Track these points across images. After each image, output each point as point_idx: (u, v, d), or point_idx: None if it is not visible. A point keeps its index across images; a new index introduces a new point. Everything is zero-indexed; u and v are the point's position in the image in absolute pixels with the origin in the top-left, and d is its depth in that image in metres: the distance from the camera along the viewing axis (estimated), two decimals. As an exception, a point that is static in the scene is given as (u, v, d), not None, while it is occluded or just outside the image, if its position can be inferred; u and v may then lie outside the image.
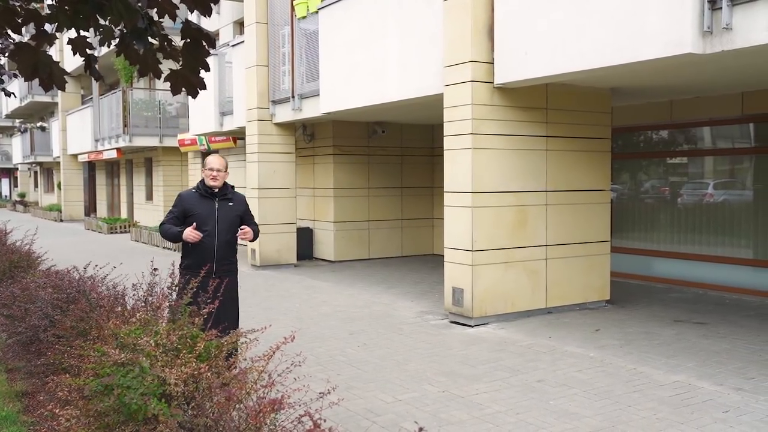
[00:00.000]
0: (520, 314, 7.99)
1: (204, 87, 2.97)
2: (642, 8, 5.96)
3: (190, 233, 5.11)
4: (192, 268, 5.06)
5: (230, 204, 5.38)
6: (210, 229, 5.20)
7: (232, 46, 14.55)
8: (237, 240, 5.40)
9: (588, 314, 8.23)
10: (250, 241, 5.45)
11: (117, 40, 2.74)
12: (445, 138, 7.89)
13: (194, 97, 2.99)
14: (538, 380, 5.59)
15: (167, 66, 3.08)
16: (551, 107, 8.14)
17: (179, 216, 5.28)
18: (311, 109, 11.62)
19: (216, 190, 5.32)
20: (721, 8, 5.44)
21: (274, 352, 3.23)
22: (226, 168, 5.39)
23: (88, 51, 3.03)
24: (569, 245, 8.41)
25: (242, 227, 5.35)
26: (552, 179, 8.22)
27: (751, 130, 9.64)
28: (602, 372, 5.80)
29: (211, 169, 5.31)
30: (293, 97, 12.06)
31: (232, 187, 5.53)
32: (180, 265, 5.19)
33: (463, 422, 4.66)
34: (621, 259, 10.65)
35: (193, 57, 2.78)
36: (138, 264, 7.78)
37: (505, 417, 4.74)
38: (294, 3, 11.85)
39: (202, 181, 5.36)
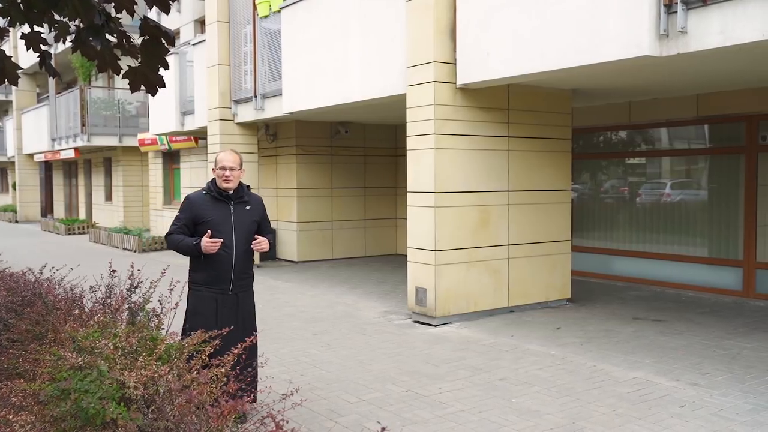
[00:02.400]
0: (483, 313, 8.06)
1: (163, 85, 2.93)
2: (602, 11, 6.06)
3: (210, 244, 4.31)
4: (206, 284, 4.43)
5: (247, 208, 4.58)
6: (226, 238, 4.41)
7: (193, 44, 14.37)
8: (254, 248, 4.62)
9: (549, 313, 8.33)
10: (266, 252, 4.68)
11: (73, 36, 2.68)
12: (408, 138, 7.92)
13: (153, 95, 2.94)
14: (500, 379, 5.64)
15: (126, 63, 3.02)
16: (513, 108, 8.23)
17: (188, 224, 4.47)
18: (274, 109, 11.54)
19: (230, 192, 4.52)
20: (676, 12, 5.57)
21: (236, 354, 3.20)
22: (241, 165, 4.58)
23: (43, 47, 2.96)
24: (531, 245, 8.51)
25: (256, 237, 4.55)
26: (514, 179, 8.30)
27: (706, 131, 9.88)
28: (563, 369, 5.88)
29: (223, 168, 4.46)
30: (255, 96, 11.96)
31: (248, 187, 4.69)
32: (189, 281, 4.53)
33: (427, 421, 4.67)
34: (581, 258, 10.82)
35: (152, 54, 2.73)
36: (97, 266, 7.63)
37: (468, 416, 4.78)
38: (256, 2, 11.75)
39: (213, 182, 4.56)
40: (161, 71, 2.89)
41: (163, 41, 2.76)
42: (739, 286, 9.18)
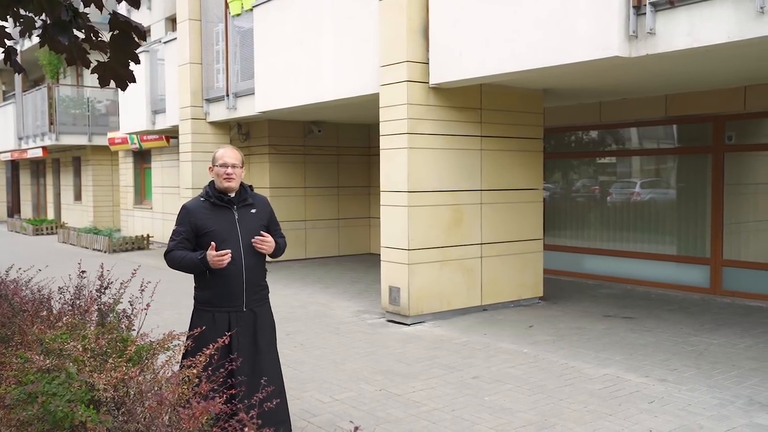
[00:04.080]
0: (456, 312, 8.09)
1: (133, 80, 2.88)
2: (573, 12, 6.12)
3: (218, 258, 3.73)
4: (216, 303, 3.87)
5: (253, 211, 3.99)
6: (234, 249, 3.82)
7: (165, 42, 14.21)
8: (265, 256, 4.00)
9: (522, 311, 8.40)
10: (272, 256, 4.01)
11: (40, 31, 2.63)
12: (381, 138, 7.92)
13: (123, 89, 2.90)
14: (473, 377, 5.67)
15: (96, 58, 2.98)
16: (485, 107, 8.28)
17: (189, 237, 3.88)
18: (246, 108, 11.47)
19: (232, 195, 3.94)
20: (645, 14, 5.65)
21: (207, 355, 3.16)
22: (243, 162, 4.00)
23: (8, 42, 2.90)
24: (503, 243, 8.57)
25: (261, 234, 3.91)
26: (486, 178, 8.35)
27: (675, 131, 10.04)
28: (535, 367, 5.93)
29: (225, 165, 3.86)
30: (228, 95, 11.88)
31: (251, 186, 4.11)
32: (196, 299, 4.00)
33: (400, 420, 4.68)
34: (553, 257, 10.93)
35: (122, 49, 2.69)
36: (66, 266, 7.50)
37: (441, 414, 4.79)
38: (228, 0, 11.66)
39: (212, 185, 3.96)
40: (132, 66, 2.85)
41: (134, 36, 2.72)
42: (706, 284, 9.34)
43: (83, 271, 4.24)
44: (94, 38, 2.68)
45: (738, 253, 9.11)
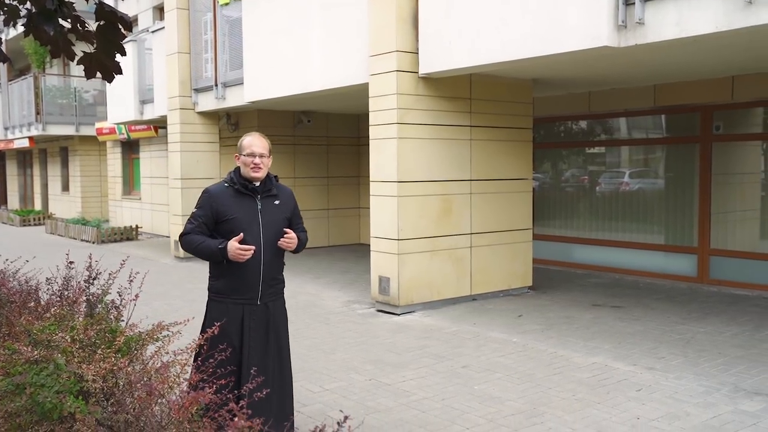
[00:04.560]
0: (446, 302, 8.12)
1: (120, 72, 2.86)
2: (562, 1, 6.12)
3: (240, 252, 3.62)
4: (231, 293, 3.78)
5: (276, 203, 3.88)
6: (254, 240, 3.71)
7: (152, 32, 14.10)
8: (284, 250, 3.90)
9: (511, 300, 8.44)
10: (294, 251, 3.92)
11: (24, 20, 2.60)
12: (370, 127, 7.91)
13: (110, 81, 2.87)
14: (463, 366, 5.70)
15: (81, 49, 2.95)
16: (475, 97, 8.27)
17: (208, 222, 3.76)
18: (235, 98, 11.41)
19: (257, 185, 3.82)
20: (634, 4, 5.66)
21: (197, 345, 3.16)
22: (270, 151, 3.87)
23: (-8, 32, 2.87)
24: (493, 233, 8.59)
25: (285, 232, 3.81)
26: (476, 168, 8.36)
27: (663, 121, 10.09)
28: (525, 356, 5.97)
29: (253, 155, 3.74)
30: (216, 85, 11.80)
31: (276, 177, 3.99)
32: (210, 289, 3.92)
33: (390, 409, 4.70)
34: (543, 247, 10.97)
35: (108, 40, 2.66)
36: (53, 257, 7.47)
37: (431, 403, 4.82)
38: (216, -12, 11.57)
39: (237, 172, 3.84)
40: (118, 58, 2.82)
41: (120, 27, 2.69)
42: (693, 273, 9.42)
43: (71, 262, 4.22)
44: (80, 28, 2.65)
45: (725, 242, 9.18)
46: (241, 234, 3.63)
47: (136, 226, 17.20)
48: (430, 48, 7.45)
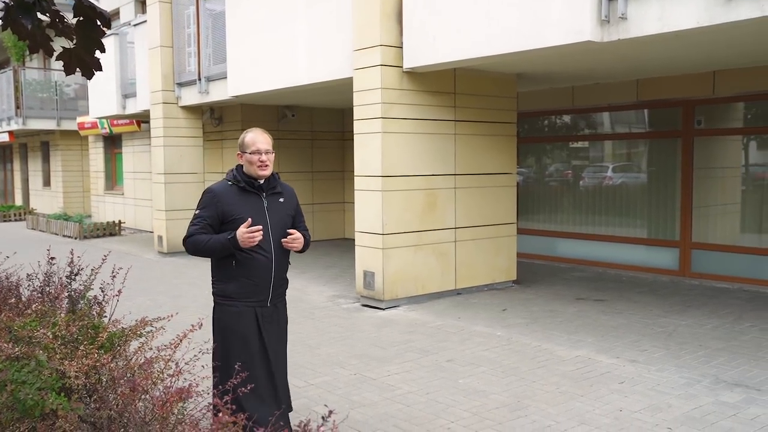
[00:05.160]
0: (430, 296, 8.14)
1: (100, 68, 2.83)
2: (545, -4, 6.14)
3: (248, 234, 3.46)
4: (242, 296, 3.59)
5: (281, 200, 3.75)
6: (263, 239, 3.55)
7: (134, 25, 13.97)
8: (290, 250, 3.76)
9: (496, 294, 8.48)
10: (299, 251, 3.77)
11: (2, 13, 2.56)
12: (355, 122, 7.89)
13: (89, 78, 2.84)
14: (447, 360, 5.72)
15: (61, 44, 2.91)
16: (459, 92, 8.28)
17: (213, 224, 3.61)
18: (219, 92, 11.34)
19: (262, 182, 3.69)
20: (617, -1, 5.69)
21: (181, 340, 3.15)
22: (273, 146, 3.77)
23: (-31, 24, 2.82)
24: (477, 227, 8.62)
25: (289, 232, 3.66)
26: (460, 163, 8.38)
27: (646, 115, 10.16)
28: (509, 350, 6.00)
29: (258, 152, 3.61)
30: (200, 79, 11.73)
31: (277, 174, 3.86)
32: (216, 294, 3.70)
33: (375, 404, 4.71)
34: (527, 241, 11.03)
35: (88, 36, 2.63)
36: (34, 253, 7.38)
37: (415, 397, 4.83)
38: (199, -18, 11.48)
39: (240, 170, 3.71)
40: (98, 54, 2.79)
41: (99, 23, 2.66)
42: (675, 266, 9.51)
43: (52, 258, 4.18)
44: (59, 24, 2.61)
45: (706, 235, 9.28)
46: (249, 219, 3.48)
47: (119, 222, 17.07)
48: (415, 42, 7.44)
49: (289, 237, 3.62)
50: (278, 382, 3.68)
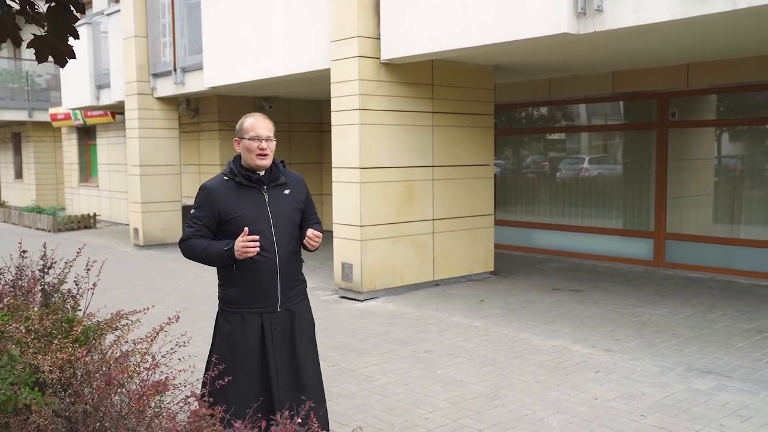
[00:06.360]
0: (409, 287, 8.16)
1: (73, 56, 2.77)
2: (521, -12, 6.15)
3: (246, 246, 3.12)
4: (247, 302, 3.27)
5: (286, 192, 3.36)
6: (265, 238, 3.21)
7: (107, 15, 13.76)
8: (301, 246, 3.40)
9: (473, 285, 8.52)
10: (311, 250, 3.40)
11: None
12: (332, 114, 7.87)
13: (62, 66, 2.78)
14: (425, 351, 5.75)
15: (32, 32, 2.85)
16: (437, 84, 8.29)
17: (210, 224, 3.26)
18: (195, 83, 11.23)
19: (262, 173, 3.29)
20: (593, -9, 5.72)
21: (158, 333, 3.12)
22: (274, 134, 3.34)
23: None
24: (455, 219, 8.65)
25: (309, 232, 3.31)
26: (438, 154, 8.39)
27: (621, 107, 10.25)
28: (486, 340, 6.04)
29: (257, 138, 3.23)
30: (175, 70, 11.59)
31: (283, 162, 3.44)
32: (220, 299, 3.41)
33: (353, 395, 4.72)
34: (504, 232, 11.09)
35: (60, 23, 2.57)
36: (6, 246, 7.27)
37: (394, 388, 4.85)
38: (174, -29, 11.33)
39: (238, 161, 3.32)
40: (71, 41, 2.73)
41: (72, 9, 2.60)
42: (650, 256, 9.63)
43: (24, 251, 4.12)
44: (29, 10, 2.56)
45: (680, 226, 9.41)
46: (246, 228, 3.13)
47: (94, 214, 16.86)
48: (392, 34, 7.42)
49: (312, 235, 3.30)
50: (285, 396, 3.27)
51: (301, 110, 14.14)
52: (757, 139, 8.85)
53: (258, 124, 3.26)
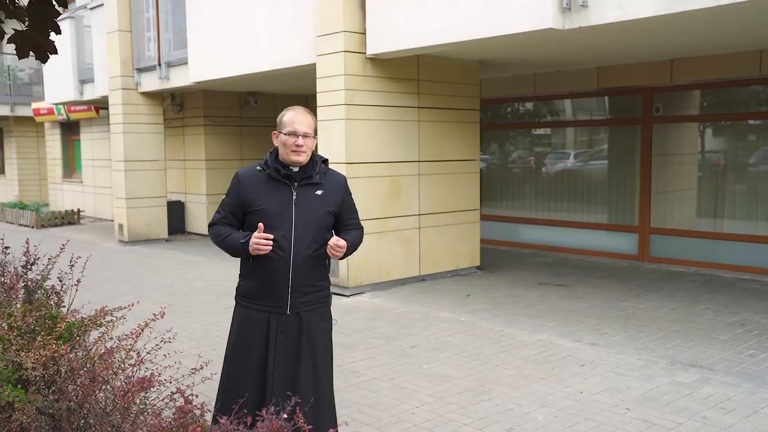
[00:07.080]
0: (395, 282, 8.17)
1: (55, 51, 2.74)
2: (507, -17, 6.16)
3: (259, 243, 3.03)
4: (256, 298, 3.18)
5: (318, 193, 3.19)
6: (282, 235, 3.09)
7: (91, 9, 13.62)
8: (328, 254, 3.19)
9: (459, 280, 8.55)
10: (340, 257, 3.18)
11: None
12: (318, 109, 7.84)
13: (44, 62, 2.75)
14: (412, 346, 5.76)
15: (13, 27, 2.82)
16: (423, 79, 8.29)
17: (235, 212, 3.20)
18: (180, 78, 11.15)
19: (296, 169, 3.16)
20: (578, -14, 5.74)
21: (143, 330, 3.10)
22: (316, 131, 3.22)
23: None
24: (441, 214, 8.66)
25: (332, 240, 3.12)
26: (424, 149, 8.40)
27: (606, 103, 10.31)
28: (472, 335, 6.06)
29: (295, 134, 3.10)
30: (160, 65, 11.51)
31: (325, 161, 3.32)
32: (237, 291, 3.33)
33: (340, 390, 4.72)
34: (490, 227, 11.13)
35: (41, 17, 2.54)
36: (-11, 243, 7.21)
37: (380, 383, 4.86)
38: (158, -35, 11.24)
39: (275, 154, 3.21)
40: (53, 36, 2.70)
41: (54, 3, 2.57)
42: (635, 251, 9.70)
43: (7, 247, 4.08)
44: (9, 4, 2.52)
45: (664, 221, 9.48)
46: (261, 224, 3.03)
47: (78, 210, 16.72)
48: (378, 28, 7.41)
49: (333, 244, 3.10)
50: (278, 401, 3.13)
51: (286, 105, 14.00)
52: (740, 135, 8.94)
53: (297, 119, 3.14)
